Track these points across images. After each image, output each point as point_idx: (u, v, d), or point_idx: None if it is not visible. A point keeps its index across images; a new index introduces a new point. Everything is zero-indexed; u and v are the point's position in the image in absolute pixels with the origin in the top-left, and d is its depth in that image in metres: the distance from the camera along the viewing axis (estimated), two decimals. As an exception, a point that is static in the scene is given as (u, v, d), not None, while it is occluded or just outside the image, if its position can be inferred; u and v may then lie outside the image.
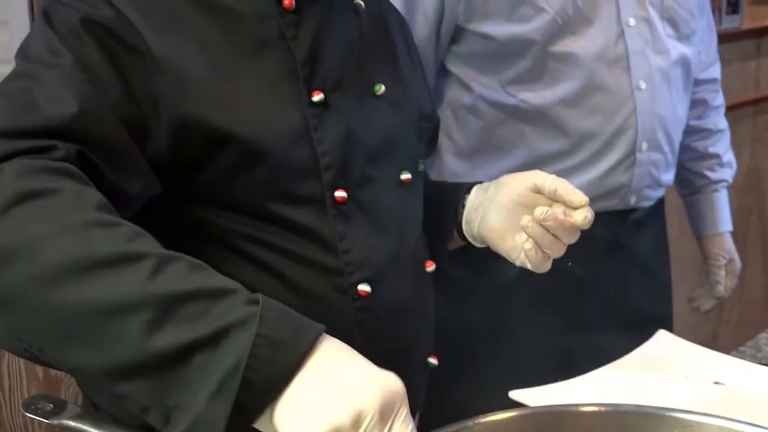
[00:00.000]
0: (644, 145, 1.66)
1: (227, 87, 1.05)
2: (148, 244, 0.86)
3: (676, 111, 1.72)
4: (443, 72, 1.67)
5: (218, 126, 1.03)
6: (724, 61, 1.99)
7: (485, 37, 1.59)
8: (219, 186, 1.05)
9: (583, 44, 1.60)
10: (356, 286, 1.12)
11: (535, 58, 1.59)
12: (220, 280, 0.84)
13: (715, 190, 2.01)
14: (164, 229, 1.00)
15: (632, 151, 1.66)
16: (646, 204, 1.74)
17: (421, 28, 1.60)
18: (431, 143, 1.42)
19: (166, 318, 0.80)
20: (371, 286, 1.12)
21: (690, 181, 2.02)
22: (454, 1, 1.58)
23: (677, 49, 1.70)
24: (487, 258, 1.31)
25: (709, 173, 2.00)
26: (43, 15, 1.01)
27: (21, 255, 0.83)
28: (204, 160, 1.04)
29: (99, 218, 0.86)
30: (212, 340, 0.80)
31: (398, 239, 1.18)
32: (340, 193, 1.11)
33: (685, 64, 1.72)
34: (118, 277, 0.82)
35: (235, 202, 1.06)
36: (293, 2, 1.11)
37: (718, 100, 2.00)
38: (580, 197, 1.17)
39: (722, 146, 2.01)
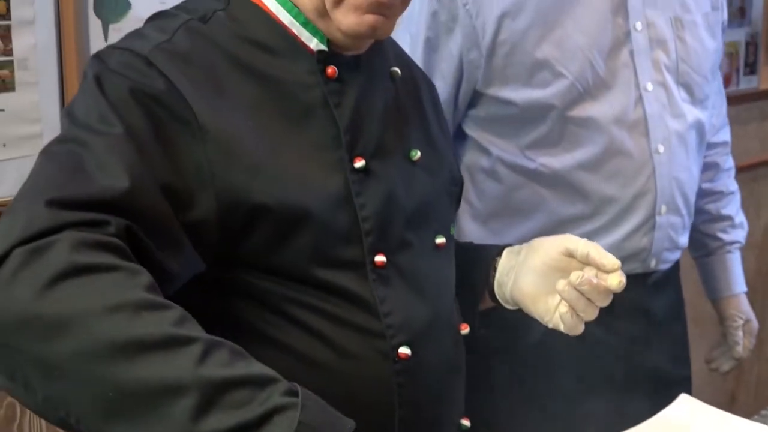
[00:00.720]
0: (663, 209, 1.67)
1: (273, 155, 1.06)
2: (194, 328, 0.88)
3: (692, 173, 1.73)
4: (460, 135, 1.68)
5: (264, 194, 1.04)
6: (742, 121, 2.00)
7: (504, 102, 1.60)
8: (263, 252, 1.06)
9: (602, 109, 1.61)
10: (397, 348, 1.12)
11: (555, 122, 1.60)
12: (261, 368, 0.87)
13: (729, 252, 2.02)
14: (207, 290, 1.01)
15: (652, 215, 1.66)
16: (665, 267, 1.74)
17: (439, 91, 1.61)
18: (456, 206, 1.43)
19: (213, 403, 0.82)
20: (411, 349, 1.13)
21: (703, 243, 2.02)
22: (473, 66, 1.59)
23: (692, 113, 1.71)
24: (517, 319, 1.32)
25: (722, 235, 2.01)
26: (95, 81, 1.02)
27: (71, 327, 0.84)
28: (249, 227, 1.04)
29: (150, 299, 0.87)
30: (255, 426, 0.82)
31: (435, 302, 1.19)
32: (379, 258, 1.12)
33: (699, 127, 1.73)
34: (168, 359, 0.83)
35: (278, 266, 1.07)
36: (336, 71, 1.13)
37: (729, 162, 2.02)
38: (612, 261, 1.19)
39: (734, 208, 2.02)
